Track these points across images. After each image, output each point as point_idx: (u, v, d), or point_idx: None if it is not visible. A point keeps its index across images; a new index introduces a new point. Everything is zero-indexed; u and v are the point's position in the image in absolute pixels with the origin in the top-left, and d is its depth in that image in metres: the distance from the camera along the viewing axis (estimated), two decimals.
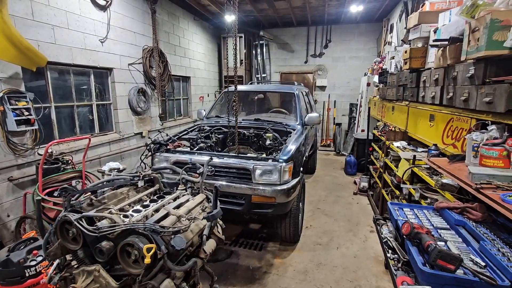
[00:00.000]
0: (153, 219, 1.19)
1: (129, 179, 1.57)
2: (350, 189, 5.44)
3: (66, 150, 3.87)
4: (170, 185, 1.68)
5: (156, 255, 1.06)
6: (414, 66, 3.18)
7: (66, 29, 3.81)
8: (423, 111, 3.00)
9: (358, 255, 3.30)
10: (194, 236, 1.27)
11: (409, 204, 1.74)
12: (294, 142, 3.35)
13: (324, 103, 9.05)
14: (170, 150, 3.28)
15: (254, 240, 3.62)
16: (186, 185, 1.66)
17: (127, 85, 5.02)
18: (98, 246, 1.09)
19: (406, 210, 1.66)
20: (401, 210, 1.66)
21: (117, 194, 1.44)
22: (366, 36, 8.34)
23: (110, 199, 1.38)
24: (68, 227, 1.15)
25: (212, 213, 1.28)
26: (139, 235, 1.09)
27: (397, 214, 1.59)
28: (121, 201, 1.41)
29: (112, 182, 1.54)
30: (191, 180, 1.67)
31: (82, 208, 1.24)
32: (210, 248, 1.40)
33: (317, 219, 4.21)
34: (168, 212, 1.26)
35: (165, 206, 1.34)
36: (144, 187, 1.61)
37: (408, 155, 2.81)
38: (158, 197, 1.53)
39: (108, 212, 1.20)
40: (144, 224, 1.10)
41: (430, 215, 1.59)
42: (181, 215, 1.26)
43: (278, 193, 2.84)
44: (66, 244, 1.15)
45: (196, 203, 1.46)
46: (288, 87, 4.97)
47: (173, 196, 1.52)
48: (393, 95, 4.04)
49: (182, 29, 6.81)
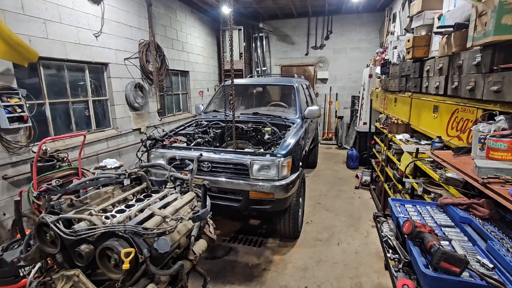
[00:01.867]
0: (136, 220, 1.12)
1: (114, 178, 1.50)
2: (352, 183, 5.35)
3: (62, 147, 3.81)
4: (158, 183, 1.61)
5: (138, 259, 0.99)
6: (417, 56, 3.05)
7: (59, 24, 3.72)
8: (426, 102, 2.88)
9: (359, 251, 3.23)
10: (181, 237, 1.20)
11: (411, 200, 1.65)
12: (293, 136, 3.26)
13: (325, 96, 8.91)
14: (166, 146, 3.21)
15: (253, 236, 3.56)
16: (175, 183, 1.59)
17: (123, 80, 4.94)
18: (76, 249, 1.02)
19: (408, 207, 1.57)
20: (402, 207, 1.57)
21: (101, 193, 1.37)
22: (368, 27, 8.14)
23: (93, 199, 1.31)
24: (46, 229, 1.09)
25: (198, 213, 1.21)
26: (119, 238, 1.02)
27: (399, 211, 1.50)
28: (104, 201, 1.34)
29: (96, 181, 1.48)
30: (180, 178, 1.60)
31: (62, 209, 1.17)
32: (200, 249, 1.32)
33: (318, 214, 4.14)
34: (153, 212, 1.19)
35: (151, 206, 1.27)
36: (131, 185, 1.54)
37: (411, 148, 2.70)
38: (144, 196, 1.45)
39: (88, 213, 1.13)
40: (125, 226, 1.03)
41: (434, 211, 1.50)
42: (166, 215, 1.18)
43: (277, 188, 2.76)
44: (44, 248, 1.09)
45: (185, 202, 1.38)
46: (287, 80, 4.85)
47: (160, 195, 1.44)
48: (396, 86, 3.92)
49: (179, 22, 6.68)
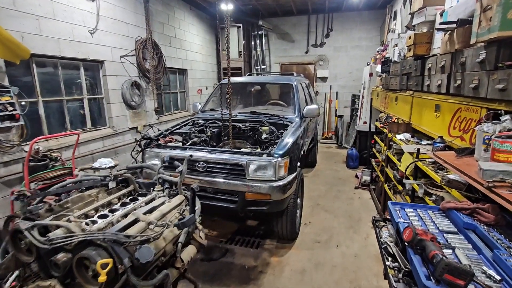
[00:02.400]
0: (117, 227, 1.04)
1: (99, 180, 1.42)
2: (351, 184, 5.28)
3: (56, 146, 3.74)
4: (146, 186, 1.54)
5: (117, 270, 0.92)
6: (419, 53, 2.97)
7: (53, 20, 3.64)
8: (428, 101, 2.80)
9: (358, 254, 3.16)
10: (167, 244, 1.13)
11: (411, 204, 1.58)
12: (291, 136, 3.19)
13: (325, 95, 8.82)
14: (161, 145, 3.13)
15: (250, 238, 3.49)
16: (163, 186, 1.52)
17: (119, 78, 4.86)
18: (52, 259, 0.95)
19: (409, 211, 1.49)
20: (403, 211, 1.50)
21: (84, 197, 1.30)
22: (368, 24, 8.04)
23: (74, 203, 1.24)
24: (21, 236, 1.02)
25: (183, 220, 1.13)
26: (98, 247, 0.95)
27: (399, 215, 1.42)
28: (87, 205, 1.27)
29: (80, 183, 1.40)
30: (169, 180, 1.52)
31: (40, 215, 1.10)
32: (188, 256, 1.25)
33: (317, 215, 4.07)
34: (137, 217, 1.12)
35: (136, 210, 1.20)
36: (117, 188, 1.47)
37: (412, 148, 2.63)
38: (131, 200, 1.38)
39: (66, 219, 1.06)
40: (104, 233, 0.96)
41: (435, 216, 1.42)
42: (151, 221, 1.11)
43: (273, 189, 2.69)
44: (20, 256, 1.02)
45: (173, 206, 1.31)
46: (286, 78, 4.77)
47: (147, 198, 1.37)
48: (397, 84, 3.84)
49: (177, 20, 6.59)
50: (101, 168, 3.76)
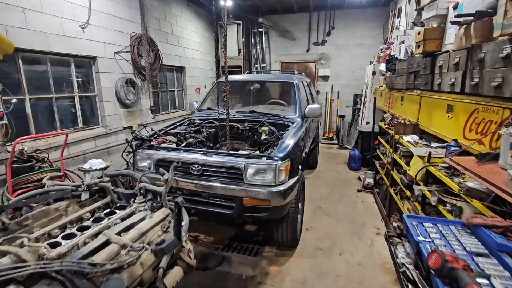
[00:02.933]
0: (82, 252, 0.86)
1: (69, 190, 1.24)
2: (354, 186, 5.09)
3: (45, 147, 3.55)
4: (126, 197, 1.35)
5: None
6: (429, 50, 2.78)
7: (40, 13, 3.44)
8: (439, 101, 2.62)
9: (363, 262, 2.97)
10: (145, 270, 0.94)
11: (430, 218, 1.39)
12: (292, 137, 3.00)
13: (327, 94, 8.63)
14: (154, 146, 2.94)
15: (248, 244, 3.30)
16: (145, 197, 1.33)
17: (113, 76, 4.66)
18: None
19: (428, 226, 1.31)
20: (421, 226, 1.31)
21: (49, 211, 1.11)
22: (371, 22, 7.84)
23: (36, 220, 1.06)
24: None
25: (162, 245, 0.94)
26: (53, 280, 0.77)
27: (417, 232, 1.24)
28: (53, 221, 1.08)
29: (46, 195, 1.21)
30: (153, 190, 1.33)
31: None
32: (174, 280, 1.07)
33: (318, 220, 3.88)
34: (109, 239, 0.94)
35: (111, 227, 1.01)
36: (93, 199, 1.28)
37: (422, 151, 2.44)
38: (106, 214, 1.20)
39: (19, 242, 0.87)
40: (62, 263, 0.77)
41: (460, 233, 1.24)
42: (126, 243, 0.93)
43: (273, 195, 2.50)
44: None
45: (155, 222, 1.12)
46: (287, 77, 4.58)
47: (124, 212, 1.19)
48: (403, 83, 3.65)
49: (174, 16, 6.39)
50: (91, 169, 3.58)
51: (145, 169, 2.91)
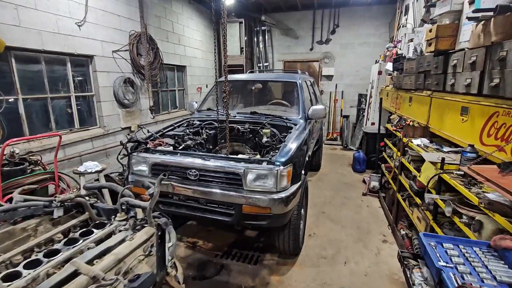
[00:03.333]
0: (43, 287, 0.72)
1: (41, 206, 1.10)
2: (358, 189, 4.93)
3: (39, 148, 3.44)
4: (106, 213, 1.21)
5: None
6: (441, 48, 2.61)
7: (34, 10, 3.31)
8: (452, 103, 2.45)
9: (369, 272, 2.82)
10: None
11: (451, 238, 1.23)
12: (294, 140, 2.85)
13: (330, 94, 8.45)
14: (150, 149, 2.81)
15: (249, 252, 3.16)
16: (128, 214, 1.18)
17: (111, 75, 4.54)
18: None
19: (448, 247, 1.15)
20: (440, 247, 1.16)
21: (15, 232, 0.98)
22: (377, 20, 7.64)
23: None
24: None
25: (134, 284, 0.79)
26: None
27: (437, 255, 1.08)
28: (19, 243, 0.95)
29: (13, 212, 1.07)
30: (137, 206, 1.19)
31: None
32: None
33: (322, 225, 3.73)
34: (77, 269, 0.80)
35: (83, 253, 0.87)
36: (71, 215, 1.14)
37: (434, 157, 2.28)
38: (82, 234, 1.06)
39: None
40: None
41: (486, 257, 1.08)
42: (97, 274, 0.79)
43: (274, 202, 2.36)
44: None
45: (136, 245, 0.98)
46: (290, 76, 4.42)
47: (102, 233, 1.05)
48: (411, 83, 3.48)
49: (175, 14, 6.25)
50: (86, 172, 3.46)
51: (141, 173, 2.78)
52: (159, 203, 2.72)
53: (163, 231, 0.87)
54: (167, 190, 2.61)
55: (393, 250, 3.15)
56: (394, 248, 3.19)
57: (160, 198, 2.71)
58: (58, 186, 3.24)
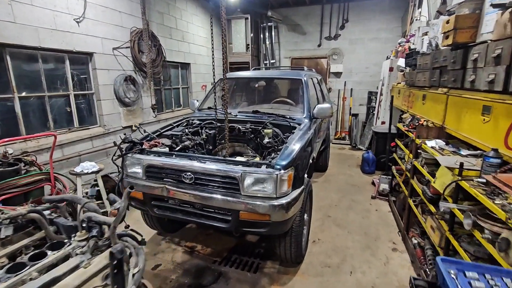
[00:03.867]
0: None
1: None
2: (367, 192, 4.70)
3: (36, 148, 3.37)
4: (66, 230, 1.06)
5: None
6: (460, 41, 2.36)
7: (29, 5, 3.22)
8: (471, 101, 2.21)
9: (377, 284, 2.62)
10: None
11: (475, 265, 1.04)
12: (297, 141, 2.66)
13: (339, 92, 8.18)
14: (145, 150, 2.67)
15: (249, 258, 3.01)
16: (90, 232, 1.03)
17: (112, 72, 4.44)
18: None
19: (472, 277, 0.96)
20: (461, 275, 0.97)
21: None
22: (389, 14, 7.32)
23: None
24: None
25: None
26: None
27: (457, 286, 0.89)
28: None
29: None
30: (100, 222, 1.03)
31: None
32: None
33: (327, 230, 3.53)
34: None
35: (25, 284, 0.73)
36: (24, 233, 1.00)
37: (452, 161, 2.05)
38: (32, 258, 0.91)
39: None
40: None
41: None
42: None
43: (274, 209, 2.18)
44: None
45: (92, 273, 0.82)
46: (295, 73, 4.22)
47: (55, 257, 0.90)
48: (425, 80, 3.23)
49: (179, 10, 6.11)
50: (83, 173, 3.36)
51: (136, 175, 2.65)
52: (155, 207, 2.60)
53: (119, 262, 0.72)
54: (161, 193, 2.47)
55: (403, 260, 2.94)
56: (404, 258, 2.97)
57: (156, 202, 2.58)
58: (54, 187, 3.15)
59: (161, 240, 3.35)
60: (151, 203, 2.58)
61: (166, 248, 3.20)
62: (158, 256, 3.04)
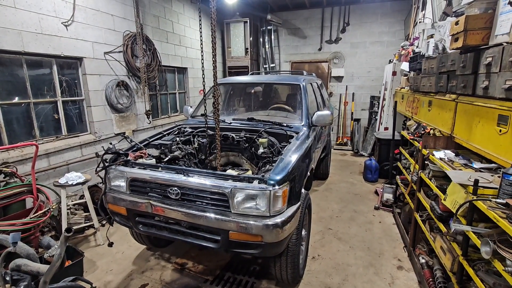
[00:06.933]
0: None
1: None
2: (370, 202, 4.47)
3: (20, 158, 3.19)
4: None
5: None
6: (471, 43, 2.16)
7: (12, 8, 3.07)
8: (484, 109, 2.01)
9: None
10: None
11: None
12: (294, 152, 2.46)
13: (340, 96, 7.98)
14: (130, 162, 2.48)
15: (243, 276, 2.79)
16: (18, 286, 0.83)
17: (103, 78, 4.28)
18: None
19: None
20: None
21: None
22: (391, 17, 7.14)
23: None
24: None
25: None
26: None
27: None
28: None
29: None
30: (33, 273, 0.83)
31: None
32: None
33: (328, 245, 3.31)
34: None
35: None
36: None
37: (464, 177, 1.84)
38: None
39: None
40: None
41: None
42: None
43: (267, 229, 1.98)
44: None
45: None
46: (293, 78, 4.03)
47: None
48: (431, 86, 3.04)
49: (176, 13, 5.97)
50: (67, 184, 3.18)
51: (119, 189, 2.46)
52: (139, 224, 2.40)
53: None
54: (146, 210, 2.28)
55: (409, 280, 2.71)
56: (411, 277, 2.74)
57: (140, 218, 2.39)
58: (37, 200, 2.97)
59: (150, 256, 3.14)
60: (135, 219, 2.38)
61: (155, 265, 2.99)
62: (146, 275, 2.84)
